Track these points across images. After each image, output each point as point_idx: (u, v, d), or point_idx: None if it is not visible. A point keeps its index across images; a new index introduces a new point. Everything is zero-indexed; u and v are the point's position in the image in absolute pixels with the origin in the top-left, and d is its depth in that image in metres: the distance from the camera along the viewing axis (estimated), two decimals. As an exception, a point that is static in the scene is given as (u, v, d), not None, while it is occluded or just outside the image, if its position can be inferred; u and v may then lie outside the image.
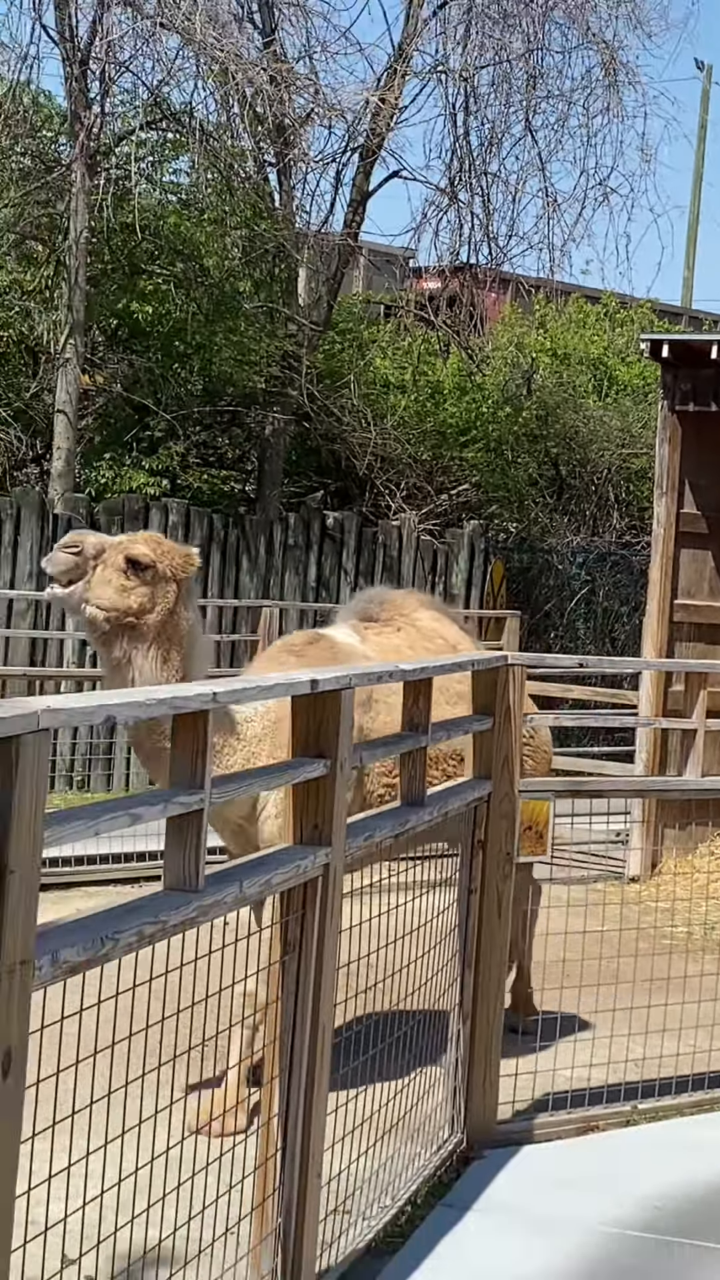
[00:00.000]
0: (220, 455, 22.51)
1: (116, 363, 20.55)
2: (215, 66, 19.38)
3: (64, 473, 19.01)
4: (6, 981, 3.31)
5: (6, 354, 20.28)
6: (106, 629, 6.80)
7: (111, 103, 20.29)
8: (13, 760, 3.35)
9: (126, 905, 4.23)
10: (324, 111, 20.61)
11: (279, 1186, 4.92)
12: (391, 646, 7.60)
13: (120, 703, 4.23)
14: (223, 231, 21.17)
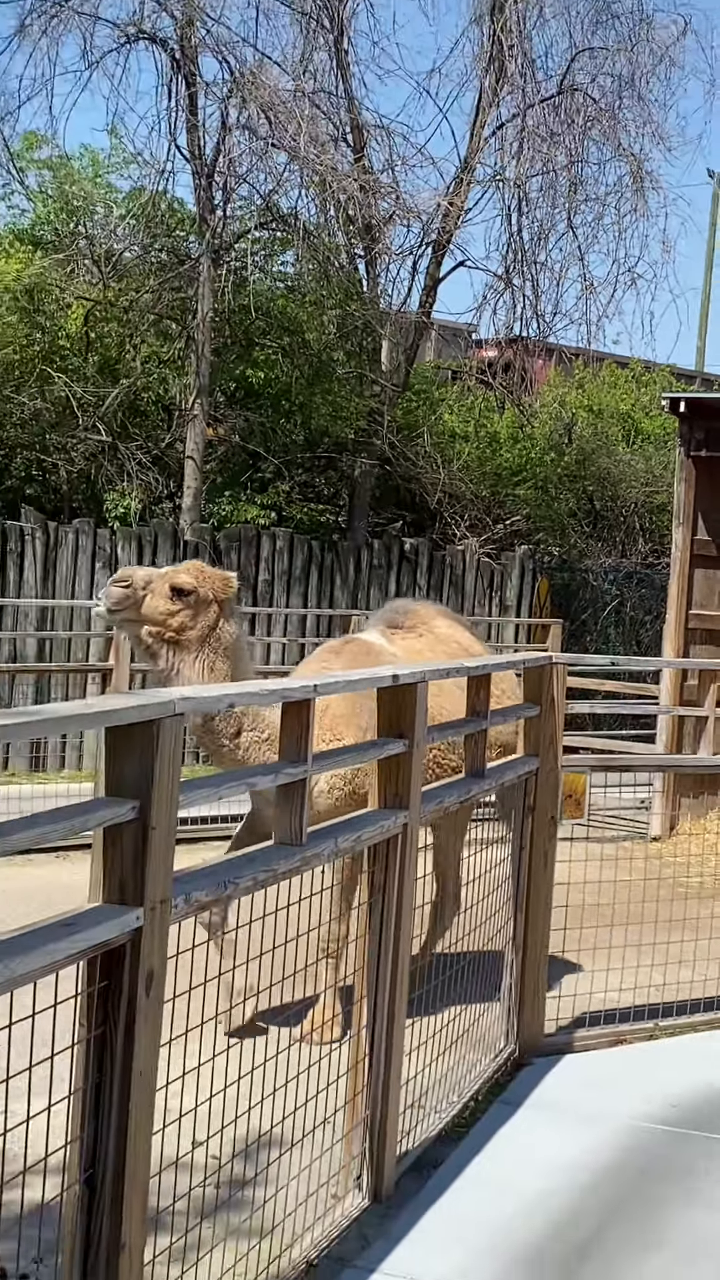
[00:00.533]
0: (318, 492, 22.54)
1: (235, 418, 20.60)
2: (316, 178, 19.43)
3: (192, 507, 19.09)
4: (150, 916, 3.35)
5: (147, 411, 20.38)
6: (150, 642, 6.65)
7: (231, 208, 20.37)
8: (154, 739, 3.39)
9: (245, 855, 4.26)
10: (403, 214, 20.63)
11: (367, 1085, 4.94)
12: (414, 649, 7.44)
13: (239, 692, 4.26)
14: (320, 311, 21.21)
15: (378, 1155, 4.95)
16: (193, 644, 6.61)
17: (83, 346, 19.81)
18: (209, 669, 6.59)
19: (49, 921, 3.23)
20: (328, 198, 20.06)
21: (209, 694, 3.94)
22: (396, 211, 20.51)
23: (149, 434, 20.15)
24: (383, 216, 20.55)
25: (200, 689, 4.28)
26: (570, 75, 21.22)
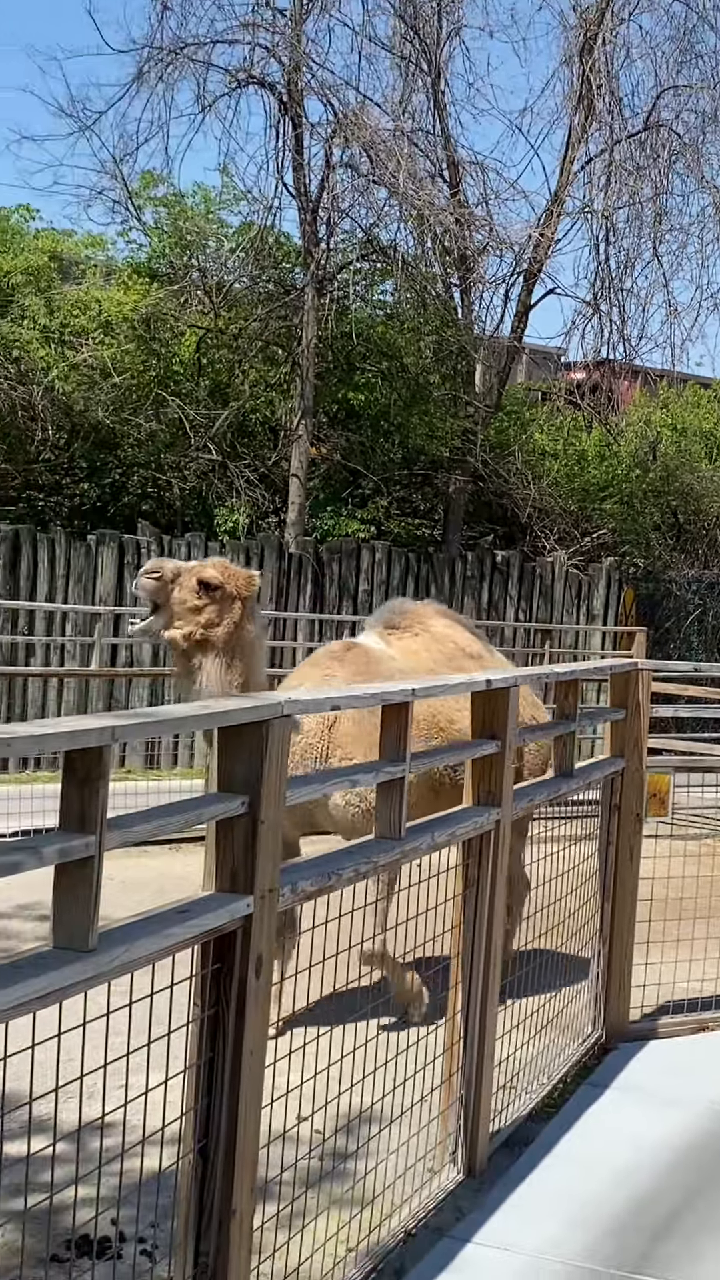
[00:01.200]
0: (415, 508, 22.56)
1: (336, 438, 20.68)
2: (414, 212, 19.48)
3: (296, 521, 19.18)
4: (259, 904, 3.38)
5: (254, 432, 20.51)
6: (184, 646, 6.43)
7: (334, 241, 20.46)
8: (264, 739, 3.42)
9: (347, 849, 4.28)
10: (496, 245, 20.64)
11: (461, 1066, 4.94)
12: (411, 649, 7.10)
13: (342, 695, 4.28)
14: (418, 337, 21.24)
15: (472, 1132, 4.94)
16: (219, 640, 6.40)
17: (195, 372, 19.97)
18: (228, 667, 6.40)
19: (166, 908, 3.27)
20: (425, 230, 20.11)
21: (312, 697, 3.97)
22: (490, 243, 20.54)
23: (256, 453, 20.27)
24: (477, 247, 20.57)
25: (304, 693, 4.29)
26: (655, 112, 21.16)
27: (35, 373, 17.94)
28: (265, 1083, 3.48)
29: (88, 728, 2.89)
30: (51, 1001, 2.75)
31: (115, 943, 2.95)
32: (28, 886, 8.04)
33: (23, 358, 17.91)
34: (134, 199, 20.11)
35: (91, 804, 2.91)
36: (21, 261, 18.60)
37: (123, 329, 18.97)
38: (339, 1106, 4.27)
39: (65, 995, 2.83)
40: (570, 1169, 5.06)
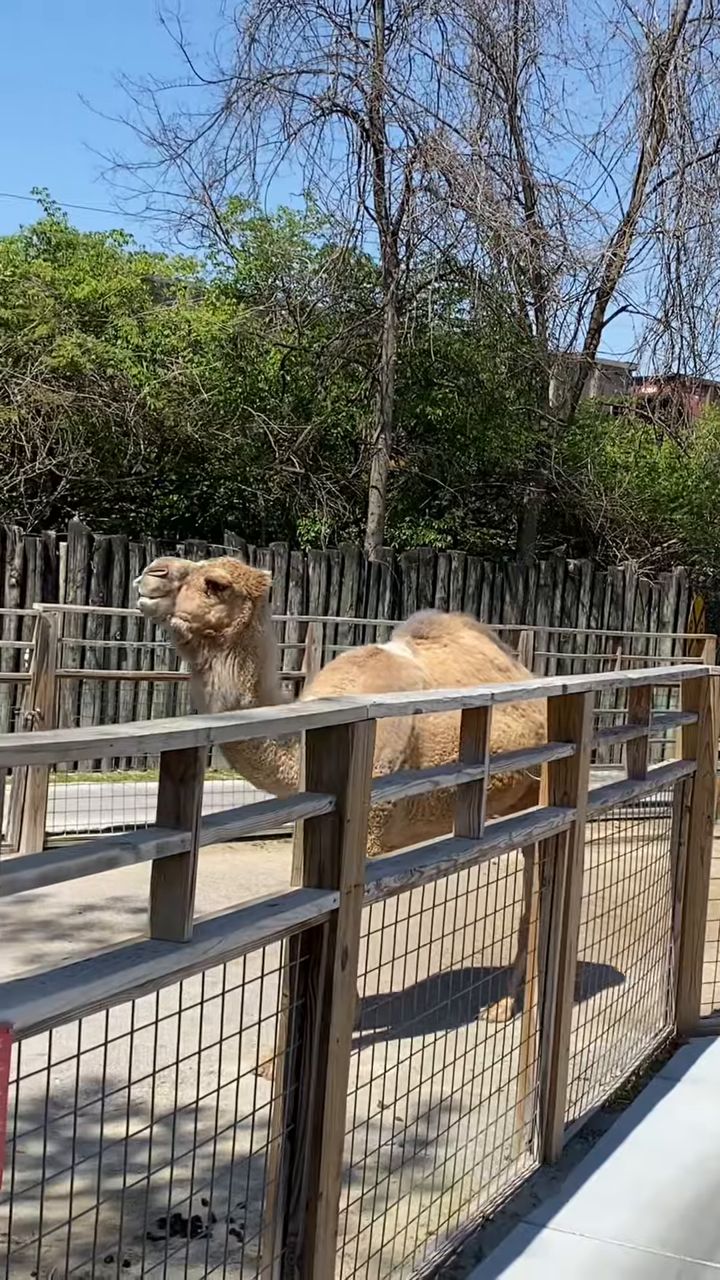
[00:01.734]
0: (490, 518, 22.52)
1: (415, 451, 20.67)
2: (490, 233, 19.46)
3: (376, 531, 19.20)
4: (345, 899, 3.39)
5: (335, 445, 20.56)
6: (189, 639, 6.08)
7: (413, 262, 20.48)
8: (349, 741, 3.43)
9: (428, 846, 4.29)
10: (570, 264, 20.58)
11: (537, 1058, 4.92)
12: (438, 660, 6.82)
13: (425, 699, 4.28)
14: (493, 354, 21.21)
15: (547, 1122, 4.93)
16: (227, 641, 6.07)
17: (279, 388, 20.05)
18: (239, 667, 6.09)
19: (257, 902, 3.29)
20: (501, 251, 20.07)
21: (397, 701, 3.97)
22: (564, 262, 20.48)
23: (338, 466, 20.32)
24: (551, 267, 20.52)
25: (389, 697, 4.28)
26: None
27: (128, 390, 18.09)
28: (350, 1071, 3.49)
29: (184, 729, 2.91)
30: (149, 990, 2.77)
31: (209, 934, 2.97)
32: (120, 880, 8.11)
33: (116, 375, 18.06)
34: (222, 223, 20.25)
35: (188, 802, 2.93)
36: (115, 284, 18.76)
37: (211, 348, 19.08)
38: (419, 1095, 4.28)
39: (162, 984, 2.85)
40: (643, 1159, 5.03)
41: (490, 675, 6.81)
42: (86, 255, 19.36)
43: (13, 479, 17.37)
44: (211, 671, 6.08)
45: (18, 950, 7.44)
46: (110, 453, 18.37)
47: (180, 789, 2.95)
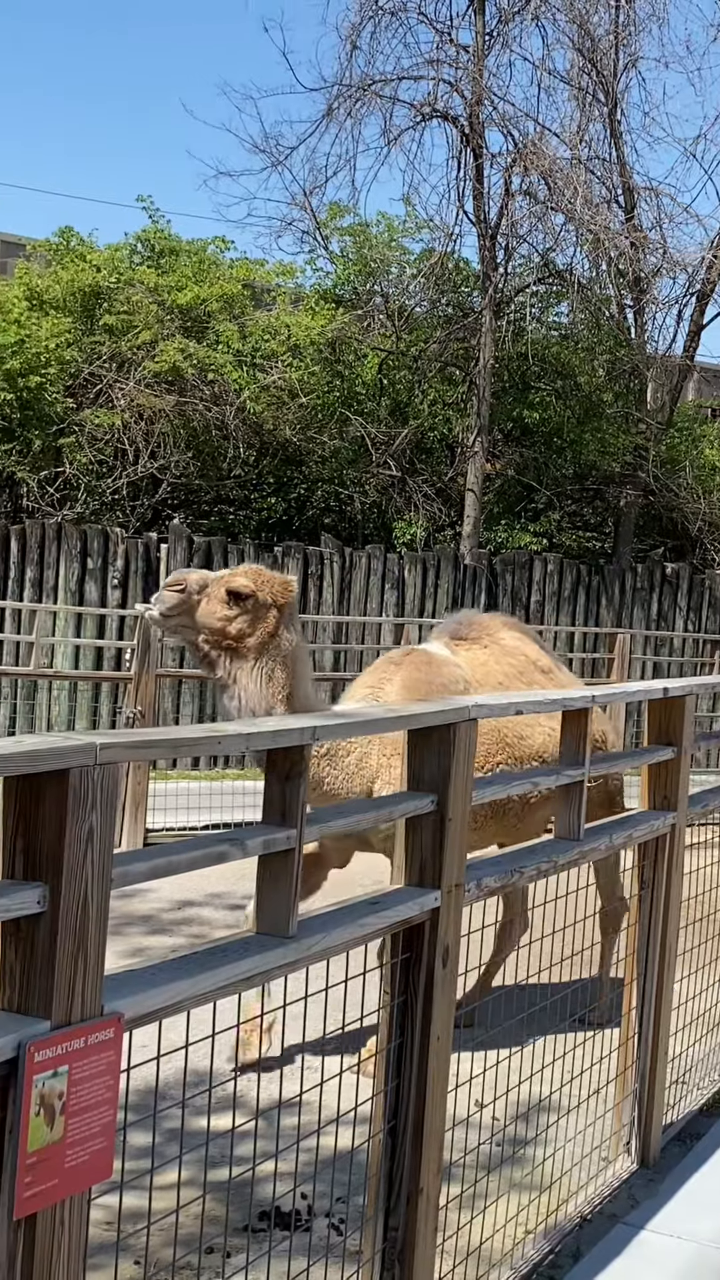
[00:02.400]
0: (586, 521, 22.39)
1: (511, 454, 20.62)
2: (589, 237, 19.34)
3: (471, 534, 19.17)
4: (446, 898, 3.39)
5: (432, 449, 20.55)
6: (206, 650, 5.76)
7: (512, 265, 20.43)
8: (451, 741, 3.43)
9: (527, 848, 4.28)
10: (670, 267, 20.38)
11: (635, 1061, 4.89)
12: (479, 661, 6.51)
13: (525, 700, 4.28)
14: (591, 357, 21.09)
15: (645, 1124, 4.90)
16: (251, 652, 5.73)
17: (376, 392, 20.09)
18: (267, 678, 5.74)
19: (359, 899, 3.30)
20: (600, 254, 19.94)
21: (498, 702, 3.97)
22: (664, 265, 20.29)
23: (434, 469, 20.31)
24: (651, 270, 20.35)
25: (491, 698, 4.28)
26: None
27: (228, 394, 18.22)
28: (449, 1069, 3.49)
29: (291, 727, 2.94)
30: (255, 984, 2.80)
31: (313, 930, 2.99)
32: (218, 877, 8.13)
33: (217, 380, 18.20)
34: (322, 229, 20.33)
35: (292, 799, 2.96)
36: (217, 290, 18.90)
37: (309, 352, 19.17)
38: (517, 1095, 4.27)
39: (268, 978, 2.88)
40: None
41: (534, 678, 6.58)
42: (189, 262, 19.54)
43: (115, 482, 17.56)
44: (237, 685, 5.74)
45: (120, 944, 7.53)
46: (210, 456, 18.51)
47: (285, 786, 2.97)
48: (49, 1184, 2.20)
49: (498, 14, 19.47)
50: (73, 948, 2.26)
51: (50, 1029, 2.21)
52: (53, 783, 2.25)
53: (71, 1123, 2.23)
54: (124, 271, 18.74)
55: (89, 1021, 2.28)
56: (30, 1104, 2.15)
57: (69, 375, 17.55)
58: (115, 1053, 2.32)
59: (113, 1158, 2.32)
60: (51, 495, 17.32)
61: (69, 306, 18.08)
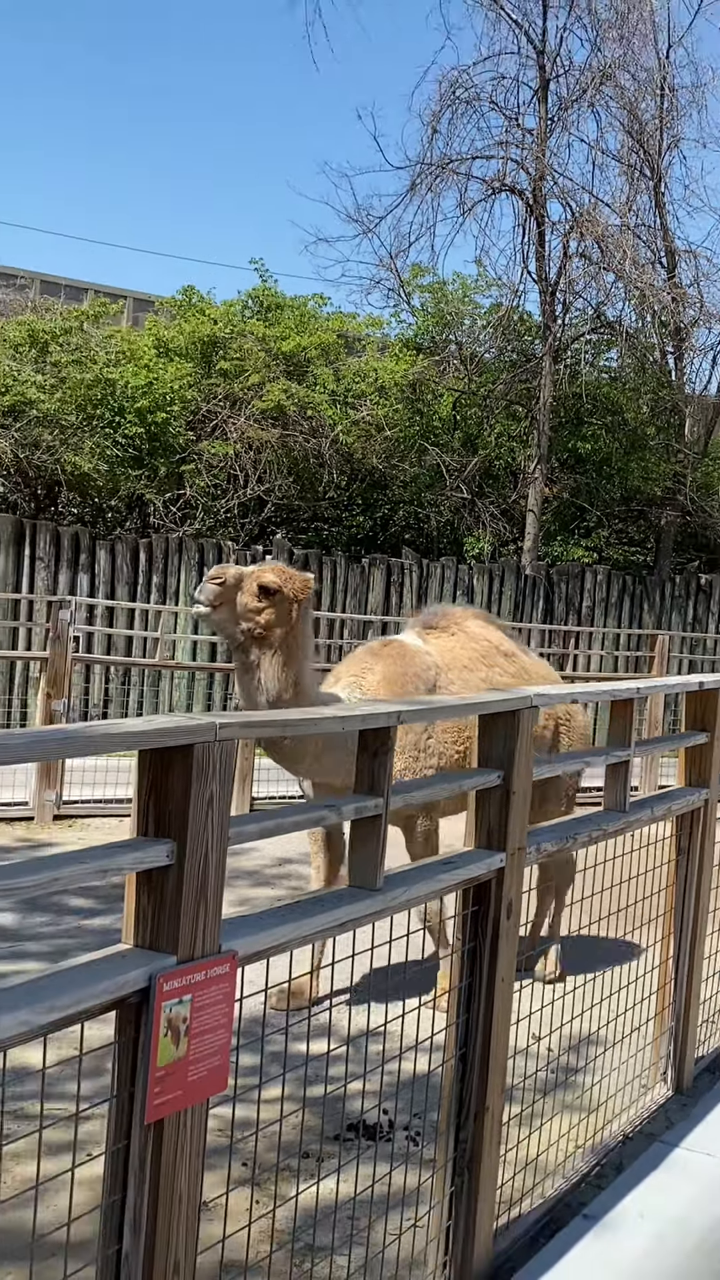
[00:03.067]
0: (630, 537, 22.16)
1: (566, 480, 20.47)
2: (636, 293, 19.17)
3: (531, 549, 19.06)
4: (510, 860, 3.39)
5: (498, 475, 20.47)
6: (243, 639, 5.55)
7: (568, 318, 20.28)
8: (516, 724, 3.42)
9: (580, 818, 4.25)
10: (705, 319, 20.14)
11: (671, 1003, 4.85)
12: (447, 647, 6.27)
13: (585, 691, 4.25)
14: (637, 396, 20.89)
15: (680, 1056, 4.85)
16: (276, 640, 5.54)
17: (450, 426, 20.05)
18: (283, 665, 5.55)
19: (435, 859, 3.30)
20: (645, 308, 19.76)
21: (559, 691, 3.95)
22: (700, 317, 20.06)
23: (499, 492, 20.24)
24: (689, 321, 20.12)
25: (553, 688, 4.26)
26: None
27: (324, 428, 18.27)
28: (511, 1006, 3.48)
29: (380, 712, 2.94)
30: (347, 929, 2.81)
31: (396, 884, 3.00)
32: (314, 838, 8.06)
33: (314, 416, 18.25)
34: (405, 287, 20.33)
35: (380, 772, 2.96)
36: (315, 339, 18.95)
37: (394, 392, 19.16)
38: (570, 1029, 4.25)
39: (358, 925, 2.88)
40: (763, 1094, 4.91)
41: (496, 660, 6.35)
42: (292, 315, 19.61)
43: (227, 503, 17.67)
44: (260, 670, 5.55)
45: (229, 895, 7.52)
46: (308, 481, 18.58)
47: (374, 762, 2.98)
48: (174, 1094, 2.23)
49: (559, 102, 19.35)
50: (195, 895, 2.28)
51: (176, 963, 2.24)
52: (179, 756, 2.27)
53: (193, 1043, 2.26)
54: (237, 324, 18.85)
55: (208, 957, 2.30)
56: (160, 1026, 2.18)
57: (190, 412, 17.69)
58: (230, 985, 2.35)
59: (227, 1074, 2.34)
60: (174, 514, 17.46)
61: (190, 354, 18.22)
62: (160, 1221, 2.22)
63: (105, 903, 7.01)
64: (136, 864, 2.23)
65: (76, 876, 2.13)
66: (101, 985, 2.11)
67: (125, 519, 17.76)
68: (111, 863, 2.19)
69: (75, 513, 17.54)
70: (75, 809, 9.98)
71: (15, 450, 15.95)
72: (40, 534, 14.97)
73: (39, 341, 16.83)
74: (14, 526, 14.86)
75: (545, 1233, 3.61)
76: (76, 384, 16.40)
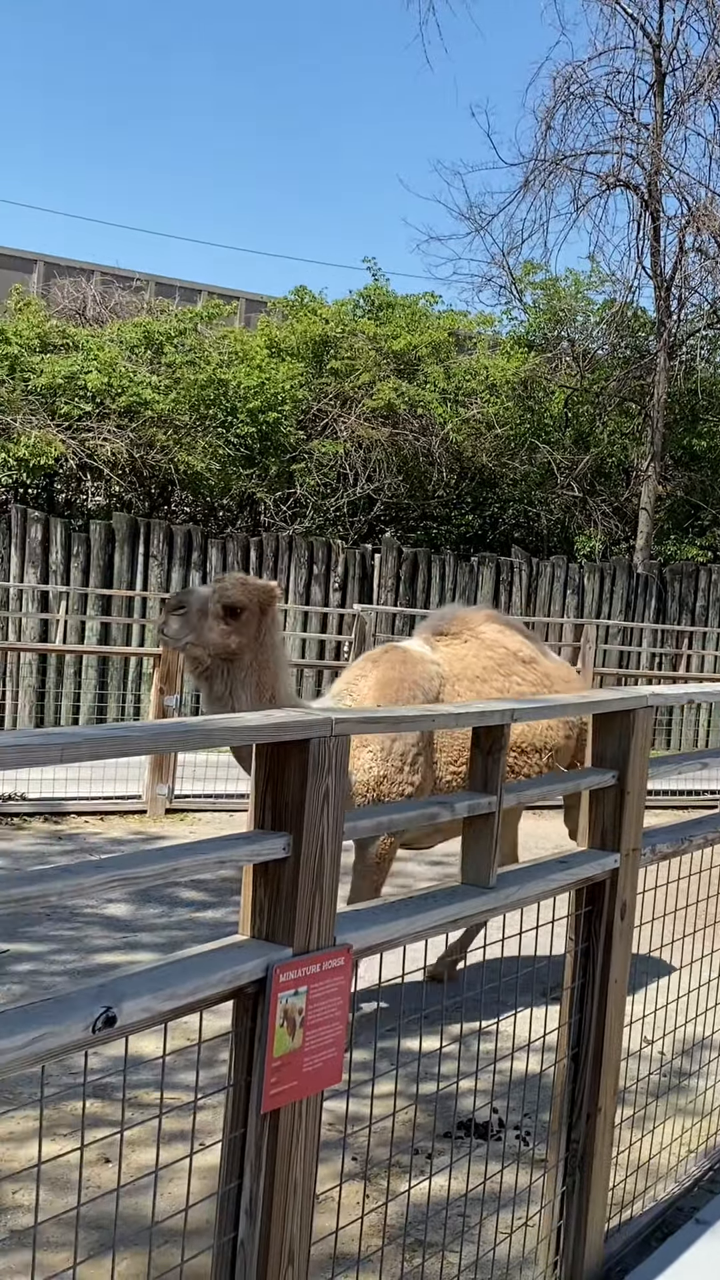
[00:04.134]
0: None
1: (680, 477, 20.18)
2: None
3: (644, 547, 18.82)
4: (624, 860, 3.36)
5: (610, 473, 20.26)
6: (208, 664, 5.08)
7: (684, 313, 19.98)
8: (631, 724, 3.39)
9: (695, 820, 4.20)
10: None
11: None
12: (457, 655, 5.82)
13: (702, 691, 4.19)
14: (754, 391, 20.57)
15: None
16: (243, 660, 5.09)
17: (562, 423, 19.89)
18: (256, 683, 5.11)
19: (549, 858, 3.29)
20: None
21: (671, 691, 3.90)
22: None
23: (611, 490, 20.03)
24: None
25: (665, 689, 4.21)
26: None
27: (434, 426, 18.25)
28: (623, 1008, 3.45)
29: (494, 709, 2.94)
30: (460, 926, 2.82)
31: (510, 882, 2.99)
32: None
33: (424, 414, 18.25)
34: (516, 284, 20.21)
35: (493, 770, 2.96)
36: (426, 338, 18.94)
37: (504, 390, 19.07)
38: (682, 1034, 4.20)
39: (470, 922, 2.89)
40: None
41: (514, 669, 5.92)
42: (403, 314, 19.64)
43: (337, 501, 17.76)
44: (234, 699, 5.08)
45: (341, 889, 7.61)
46: (418, 479, 18.58)
47: (488, 759, 2.98)
48: (289, 1085, 2.25)
49: (674, 96, 19.06)
50: (311, 887, 2.31)
51: (292, 955, 2.26)
52: (296, 750, 2.30)
53: (308, 1034, 2.28)
54: (348, 323, 18.92)
55: (324, 950, 2.32)
56: (276, 1016, 2.20)
57: (300, 411, 17.81)
58: (345, 978, 2.36)
59: (342, 1067, 2.36)
60: (284, 512, 17.59)
61: (302, 353, 18.34)
62: (275, 1209, 2.25)
63: (216, 895, 7.10)
64: (253, 856, 2.26)
65: (194, 867, 2.16)
66: (219, 975, 2.15)
67: (236, 517, 17.94)
68: (229, 854, 2.22)
69: (188, 511, 17.77)
70: (186, 803, 10.12)
71: (130, 450, 16.20)
72: (154, 532, 15.20)
73: (154, 343, 17.08)
74: (129, 525, 15.10)
75: (656, 1236, 3.58)
76: (190, 384, 16.61)
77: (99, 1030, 1.91)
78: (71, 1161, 3.36)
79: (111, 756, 2.05)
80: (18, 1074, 1.87)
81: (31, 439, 14.95)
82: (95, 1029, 1.91)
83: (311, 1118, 2.33)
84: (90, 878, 1.98)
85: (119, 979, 2.04)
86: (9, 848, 8.35)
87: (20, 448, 14.89)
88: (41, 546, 14.51)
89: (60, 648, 13.73)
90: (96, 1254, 3.04)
